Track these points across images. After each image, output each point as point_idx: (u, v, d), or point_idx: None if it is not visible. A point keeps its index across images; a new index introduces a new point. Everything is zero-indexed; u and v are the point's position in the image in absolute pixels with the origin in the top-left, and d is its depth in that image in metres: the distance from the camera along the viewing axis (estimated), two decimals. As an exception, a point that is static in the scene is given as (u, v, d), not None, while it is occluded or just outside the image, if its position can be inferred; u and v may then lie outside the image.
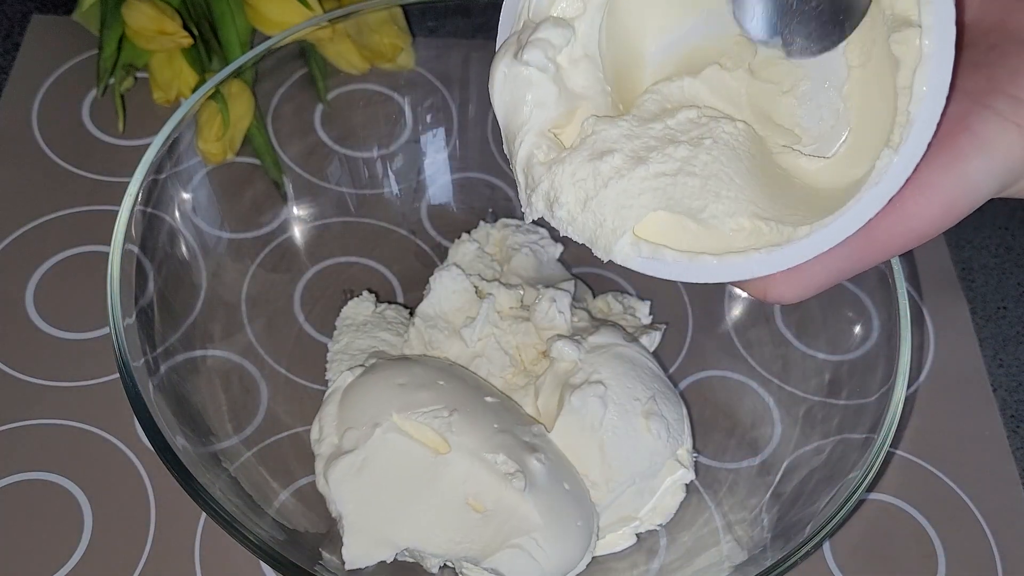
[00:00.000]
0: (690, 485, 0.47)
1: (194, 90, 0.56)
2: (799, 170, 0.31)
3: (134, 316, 0.40)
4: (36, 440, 0.47)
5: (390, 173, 0.56)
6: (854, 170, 0.29)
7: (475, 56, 0.55)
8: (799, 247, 0.29)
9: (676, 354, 0.52)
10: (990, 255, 0.61)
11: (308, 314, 0.52)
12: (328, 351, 0.50)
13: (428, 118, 0.56)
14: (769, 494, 0.45)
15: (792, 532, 0.40)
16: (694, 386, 0.51)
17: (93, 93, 0.59)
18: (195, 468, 0.37)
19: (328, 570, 0.40)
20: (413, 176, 0.56)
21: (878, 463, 0.39)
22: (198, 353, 0.46)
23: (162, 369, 0.42)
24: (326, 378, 0.49)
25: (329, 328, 0.51)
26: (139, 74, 0.59)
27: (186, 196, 0.47)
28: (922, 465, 0.52)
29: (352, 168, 0.55)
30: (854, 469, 0.40)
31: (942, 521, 0.50)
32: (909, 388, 0.50)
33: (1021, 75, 0.28)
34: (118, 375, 0.38)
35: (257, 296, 0.50)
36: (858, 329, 0.46)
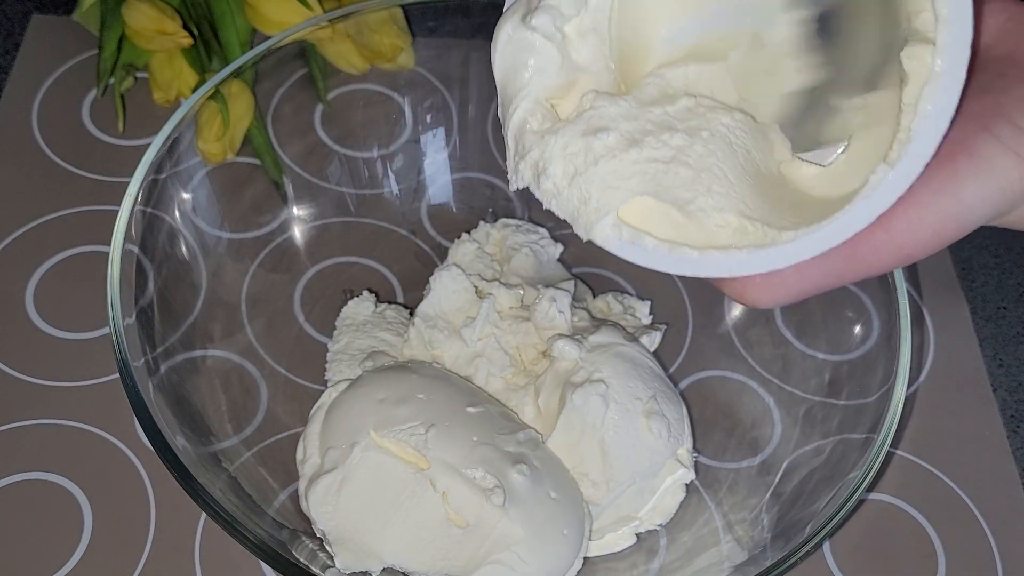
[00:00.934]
0: (690, 485, 0.47)
1: (194, 90, 0.56)
2: (795, 174, 0.31)
3: (134, 316, 0.40)
4: (36, 440, 0.47)
5: (390, 173, 0.56)
6: (849, 181, 0.29)
7: (475, 56, 0.55)
8: (782, 251, 0.28)
9: (676, 354, 0.52)
10: (990, 255, 0.61)
11: (308, 314, 0.52)
12: (328, 351, 0.50)
13: (428, 118, 0.56)
14: (769, 494, 0.45)
15: (792, 532, 0.40)
16: (694, 386, 0.51)
17: (93, 93, 0.59)
18: (195, 468, 0.37)
19: (328, 571, 0.40)
20: (413, 176, 0.56)
21: (878, 463, 0.39)
22: (198, 353, 0.46)
23: (162, 369, 0.42)
24: (326, 378, 0.49)
25: (329, 328, 0.51)
26: (139, 74, 0.59)
27: (186, 196, 0.47)
28: (922, 465, 0.52)
29: (352, 168, 0.55)
30: (854, 469, 0.40)
31: (942, 521, 0.50)
32: (909, 388, 0.50)
33: None
34: (118, 375, 0.38)
35: (257, 296, 0.50)
36: (858, 329, 0.46)
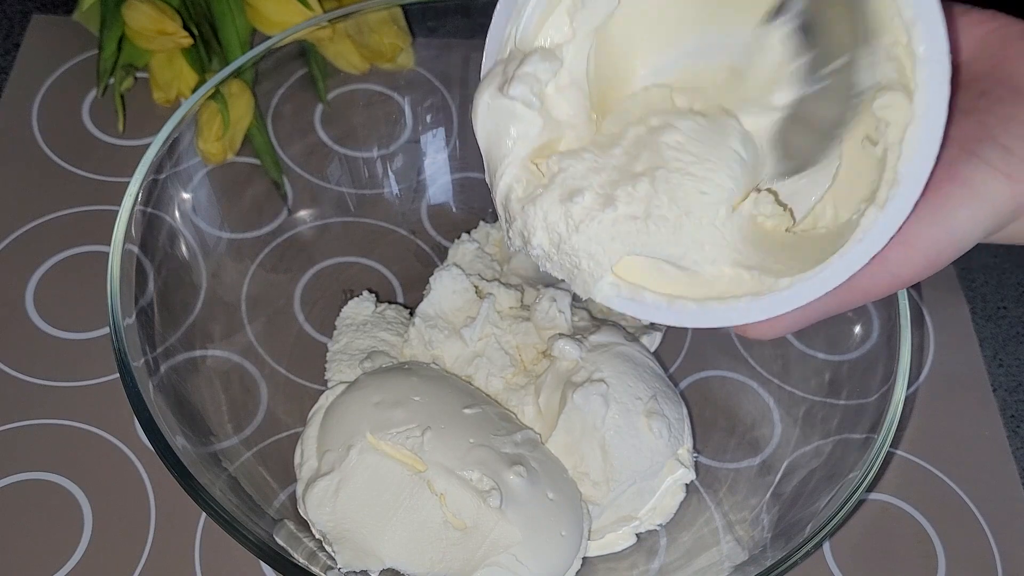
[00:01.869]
0: (690, 485, 0.47)
1: (194, 90, 0.56)
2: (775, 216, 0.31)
3: (134, 316, 0.40)
4: (36, 440, 0.47)
5: (390, 173, 0.56)
6: (839, 215, 0.29)
7: (475, 56, 0.54)
8: (780, 298, 0.29)
9: (676, 354, 0.52)
10: (990, 255, 0.61)
11: (308, 314, 0.52)
12: (328, 351, 0.50)
13: (428, 118, 0.56)
14: (769, 494, 0.45)
15: (792, 532, 0.40)
16: (694, 386, 0.51)
17: (93, 93, 0.59)
18: (195, 468, 0.37)
19: (327, 570, 0.40)
20: (413, 176, 0.56)
21: (878, 463, 0.39)
22: (198, 353, 0.46)
23: (162, 369, 0.42)
24: (325, 378, 0.49)
25: (329, 328, 0.51)
26: (139, 74, 0.59)
27: (186, 196, 0.47)
28: (922, 465, 0.52)
29: (352, 168, 0.55)
30: (854, 469, 0.40)
31: (942, 521, 0.50)
32: (909, 388, 0.50)
33: (1012, 123, 0.27)
34: (118, 375, 0.38)
35: (257, 296, 0.50)
36: (858, 329, 0.46)
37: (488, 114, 0.31)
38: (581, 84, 0.32)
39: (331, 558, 0.41)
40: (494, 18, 0.32)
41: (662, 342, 0.51)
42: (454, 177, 0.57)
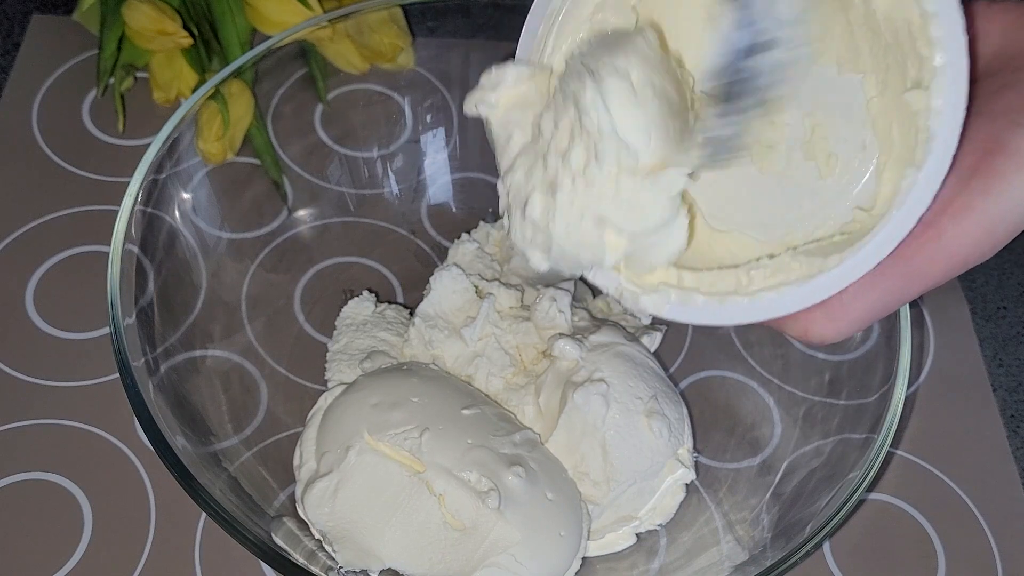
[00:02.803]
0: (690, 485, 0.47)
1: (194, 90, 0.56)
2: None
3: (134, 316, 0.40)
4: (36, 440, 0.47)
5: (390, 173, 0.56)
6: (882, 192, 0.29)
7: (475, 56, 0.55)
8: (832, 277, 0.28)
9: (676, 354, 0.52)
10: (990, 255, 0.61)
11: (308, 314, 0.52)
12: (328, 351, 0.50)
13: (428, 118, 0.56)
14: (769, 494, 0.45)
15: (792, 532, 0.40)
16: (694, 386, 0.51)
17: (93, 93, 0.59)
18: (195, 468, 0.37)
19: (328, 570, 0.40)
20: (413, 176, 0.56)
21: (878, 463, 0.39)
22: (198, 353, 0.46)
23: (162, 369, 0.42)
24: (325, 378, 0.49)
25: (329, 328, 0.51)
26: (139, 74, 0.59)
27: (186, 196, 0.47)
28: (922, 465, 0.52)
29: (352, 168, 0.55)
30: (854, 469, 0.40)
31: (942, 521, 0.50)
32: (909, 388, 0.50)
33: None
34: (118, 375, 0.38)
35: (257, 296, 0.50)
36: (858, 329, 0.46)
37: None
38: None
39: (331, 558, 0.41)
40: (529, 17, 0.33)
41: (662, 342, 0.51)
42: (454, 177, 0.57)
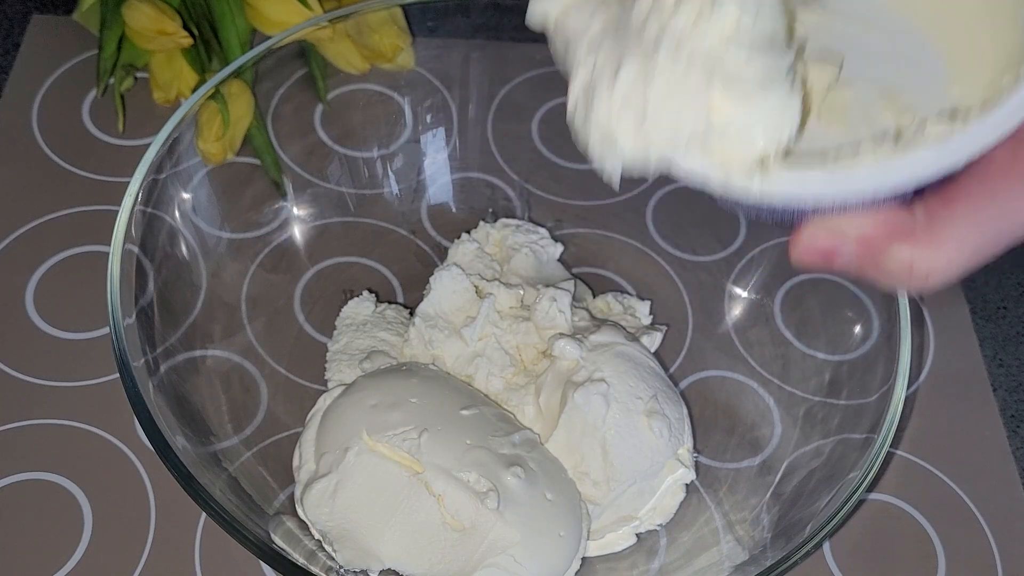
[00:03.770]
0: (690, 485, 0.47)
1: (194, 90, 0.56)
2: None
3: (134, 316, 0.40)
4: (36, 440, 0.47)
5: (390, 173, 0.56)
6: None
7: (475, 56, 0.55)
8: (977, 131, 0.24)
9: (676, 354, 0.52)
10: (990, 255, 0.61)
11: (308, 314, 0.52)
12: (328, 351, 0.50)
13: (428, 118, 0.56)
14: (769, 494, 0.45)
15: (792, 532, 0.40)
16: (694, 386, 0.51)
17: (93, 93, 0.59)
18: (195, 468, 0.37)
19: (328, 570, 0.40)
20: (413, 176, 0.56)
21: (878, 463, 0.39)
22: (198, 353, 0.46)
23: (162, 369, 0.42)
24: (325, 378, 0.49)
25: (329, 328, 0.51)
26: (139, 74, 0.59)
27: (186, 196, 0.47)
28: (922, 465, 0.52)
29: (352, 168, 0.55)
30: (854, 469, 0.40)
31: (942, 521, 0.50)
32: (909, 388, 0.50)
33: None
34: (118, 375, 0.38)
35: (257, 296, 0.50)
36: (858, 329, 0.46)
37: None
38: None
39: (331, 558, 0.41)
40: None
41: (662, 342, 0.51)
42: (454, 177, 0.57)
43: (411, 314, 0.51)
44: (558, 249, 0.54)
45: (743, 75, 0.25)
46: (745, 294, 0.52)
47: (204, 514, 0.36)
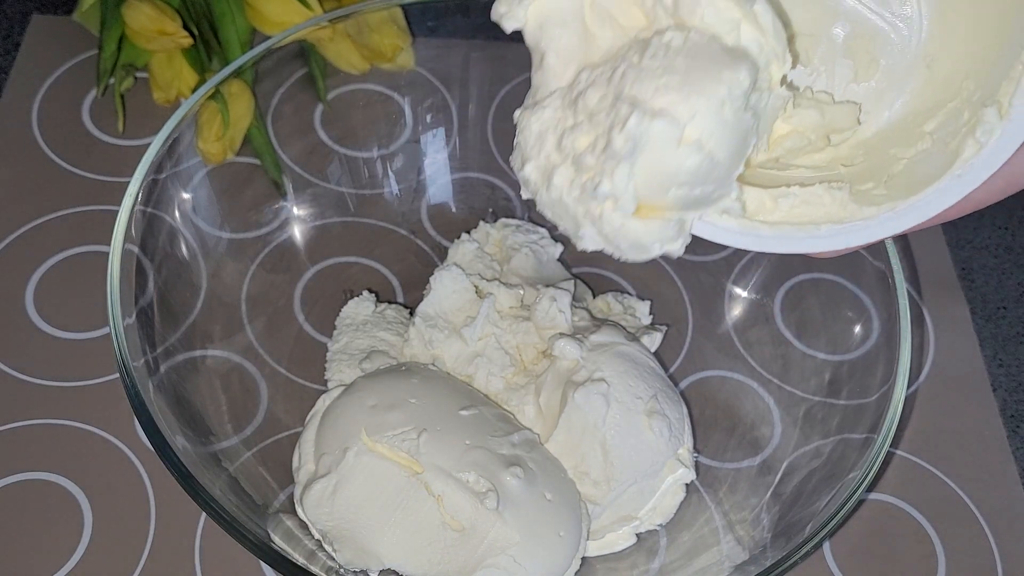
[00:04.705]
0: (690, 485, 0.47)
1: (194, 90, 0.56)
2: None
3: (134, 316, 0.40)
4: (36, 440, 0.47)
5: (390, 173, 0.56)
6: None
7: (475, 56, 0.55)
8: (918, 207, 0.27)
9: (676, 354, 0.52)
10: (990, 255, 0.61)
11: (308, 314, 0.52)
12: (328, 351, 0.50)
13: (428, 118, 0.56)
14: (769, 494, 0.45)
15: (792, 532, 0.40)
16: (694, 386, 0.51)
17: (93, 93, 0.59)
18: (195, 468, 0.37)
19: (328, 570, 0.40)
20: (413, 176, 0.56)
21: (878, 463, 0.39)
22: (198, 353, 0.46)
23: (162, 369, 0.42)
24: (325, 378, 0.49)
25: (329, 328, 0.51)
26: (139, 74, 0.59)
27: (186, 196, 0.47)
28: (922, 465, 0.52)
29: (352, 168, 0.55)
30: (854, 469, 0.40)
31: (942, 521, 0.50)
32: (909, 388, 0.50)
33: None
34: (118, 375, 0.38)
35: (257, 296, 0.50)
36: (858, 329, 0.46)
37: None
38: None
39: (331, 558, 0.41)
40: None
41: (662, 342, 0.51)
42: (454, 177, 0.57)
43: (411, 314, 0.51)
44: (558, 249, 0.54)
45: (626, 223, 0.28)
46: (745, 294, 0.52)
47: (204, 514, 0.36)
